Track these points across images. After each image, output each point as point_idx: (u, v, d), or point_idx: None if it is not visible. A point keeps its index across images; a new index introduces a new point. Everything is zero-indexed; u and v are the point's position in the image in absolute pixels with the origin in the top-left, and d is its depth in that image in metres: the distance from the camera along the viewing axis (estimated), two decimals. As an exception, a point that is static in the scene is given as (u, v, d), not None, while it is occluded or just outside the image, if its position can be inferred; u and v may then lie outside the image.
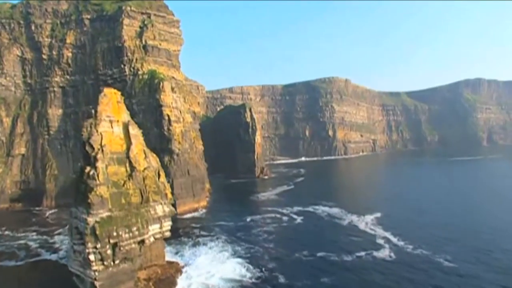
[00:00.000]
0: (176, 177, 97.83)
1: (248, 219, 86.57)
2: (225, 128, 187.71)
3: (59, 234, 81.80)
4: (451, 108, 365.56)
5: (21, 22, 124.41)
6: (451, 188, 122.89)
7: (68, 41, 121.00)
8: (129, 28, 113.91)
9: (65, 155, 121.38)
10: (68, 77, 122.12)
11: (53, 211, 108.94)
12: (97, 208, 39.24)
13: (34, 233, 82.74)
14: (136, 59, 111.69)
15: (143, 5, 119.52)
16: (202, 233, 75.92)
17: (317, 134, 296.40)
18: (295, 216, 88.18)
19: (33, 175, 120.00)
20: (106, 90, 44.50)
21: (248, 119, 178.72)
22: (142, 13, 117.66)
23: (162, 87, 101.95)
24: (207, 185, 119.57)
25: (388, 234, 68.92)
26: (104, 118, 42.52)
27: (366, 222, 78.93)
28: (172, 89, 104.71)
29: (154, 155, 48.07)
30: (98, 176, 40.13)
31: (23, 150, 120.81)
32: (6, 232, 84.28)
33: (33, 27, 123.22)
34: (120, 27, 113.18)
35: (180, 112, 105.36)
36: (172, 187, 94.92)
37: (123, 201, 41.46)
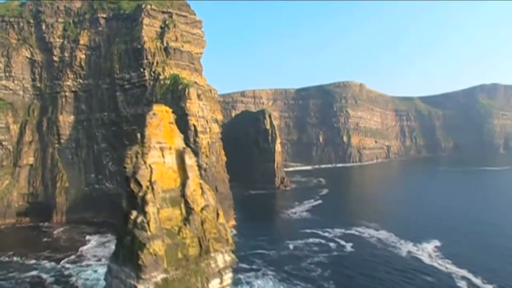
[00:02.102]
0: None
1: (291, 246, 76.25)
2: (242, 135, 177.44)
3: (74, 262, 71.52)
4: (466, 114, 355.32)
5: (31, 21, 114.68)
6: (493, 205, 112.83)
7: (81, 42, 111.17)
8: (149, 29, 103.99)
9: (77, 166, 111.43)
10: (81, 81, 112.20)
11: (64, 228, 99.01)
12: (151, 271, 29.01)
13: (46, 261, 72.47)
14: (157, 62, 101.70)
15: (164, 3, 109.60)
16: (242, 265, 65.33)
17: (331, 140, 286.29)
18: (342, 242, 77.95)
19: (42, 187, 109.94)
20: (156, 108, 34.33)
21: (268, 126, 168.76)
22: (163, 12, 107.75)
23: (188, 94, 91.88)
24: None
25: (465, 272, 58.71)
26: (154, 146, 32.53)
27: (428, 254, 68.72)
28: (198, 96, 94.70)
29: (209, 187, 37.91)
30: (149, 225, 30.06)
31: (31, 160, 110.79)
32: (15, 259, 74.03)
33: (43, 27, 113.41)
34: (139, 27, 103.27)
35: (207, 121, 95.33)
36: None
37: (179, 255, 31.32)
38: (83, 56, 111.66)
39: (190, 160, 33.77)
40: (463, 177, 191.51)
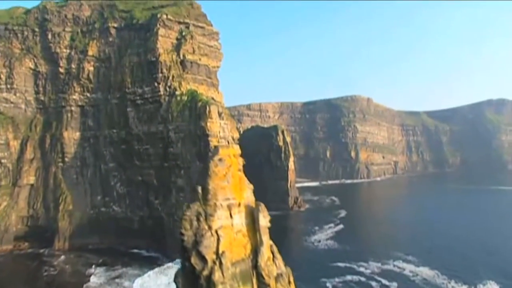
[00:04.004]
0: (225, 224, 78.76)
1: (329, 286, 67.47)
2: (252, 152, 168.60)
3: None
4: (473, 129, 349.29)
5: (36, 29, 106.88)
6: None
7: (90, 53, 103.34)
8: (164, 40, 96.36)
9: (82, 187, 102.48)
10: (88, 94, 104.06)
11: (66, 257, 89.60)
12: None
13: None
14: (173, 77, 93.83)
15: (180, 13, 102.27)
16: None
17: (338, 155, 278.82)
18: (384, 281, 69.18)
19: (43, 209, 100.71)
20: (223, 152, 25.99)
21: (281, 143, 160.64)
22: (179, 23, 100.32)
23: (209, 112, 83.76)
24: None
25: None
26: (221, 204, 24.32)
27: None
28: (219, 114, 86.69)
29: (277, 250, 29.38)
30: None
31: (32, 179, 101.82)
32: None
33: (49, 36, 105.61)
34: (154, 38, 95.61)
35: (228, 142, 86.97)
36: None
37: None
38: (91, 68, 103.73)
39: (264, 219, 25.61)
40: (481, 197, 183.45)
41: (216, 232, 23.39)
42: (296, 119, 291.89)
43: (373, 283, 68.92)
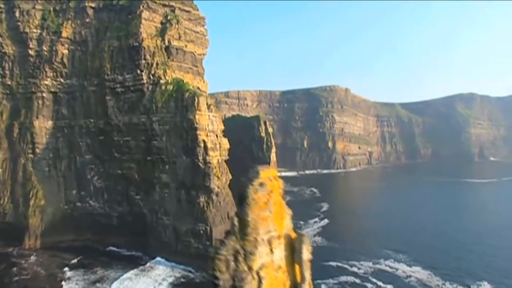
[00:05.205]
0: (215, 224, 74.60)
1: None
2: (233, 142, 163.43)
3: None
4: (445, 122, 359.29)
5: (1, 6, 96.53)
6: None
7: (64, 34, 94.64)
8: (148, 24, 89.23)
9: (55, 181, 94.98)
10: (62, 80, 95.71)
11: (39, 256, 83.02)
12: None
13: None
14: (157, 64, 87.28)
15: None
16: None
17: (315, 145, 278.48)
18: (380, 283, 67.79)
19: (11, 205, 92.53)
20: (264, 174, 21.49)
21: (263, 134, 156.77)
22: (164, 6, 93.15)
23: (198, 104, 78.35)
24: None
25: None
26: (262, 238, 20.05)
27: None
28: (208, 106, 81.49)
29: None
30: None
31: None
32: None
33: (17, 14, 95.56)
34: (137, 22, 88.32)
35: (217, 136, 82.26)
36: (210, 238, 72.27)
37: None
38: (65, 52, 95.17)
39: (307, 252, 21.71)
40: (454, 190, 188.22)
41: (258, 273, 19.46)
42: (275, 108, 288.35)
43: (368, 285, 67.43)
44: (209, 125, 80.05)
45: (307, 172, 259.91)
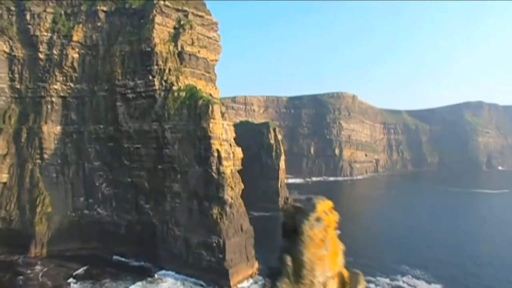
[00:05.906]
0: (228, 236, 72.01)
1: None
2: (241, 149, 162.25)
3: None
4: (452, 130, 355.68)
5: (12, 8, 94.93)
6: None
7: (75, 38, 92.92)
8: (161, 29, 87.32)
9: (63, 187, 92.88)
10: (71, 84, 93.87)
11: (45, 265, 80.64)
12: None
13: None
14: (170, 70, 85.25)
15: (179, 0, 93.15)
16: None
17: (322, 152, 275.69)
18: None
19: (17, 211, 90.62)
20: (320, 207, 19.00)
21: (272, 141, 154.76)
22: (178, 10, 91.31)
23: (212, 112, 76.16)
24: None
25: None
26: (318, 281, 17.59)
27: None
28: (222, 115, 79.26)
29: None
30: None
31: (5, 177, 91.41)
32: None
33: (27, 17, 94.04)
34: (150, 26, 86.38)
35: (230, 145, 79.93)
36: (223, 251, 69.67)
37: None
38: (76, 56, 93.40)
39: (364, 295, 19.34)
40: (465, 201, 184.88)
41: (314, 325, 17.14)
42: (281, 114, 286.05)
43: (389, 305, 64.68)
44: (223, 134, 77.81)
45: (313, 179, 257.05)
